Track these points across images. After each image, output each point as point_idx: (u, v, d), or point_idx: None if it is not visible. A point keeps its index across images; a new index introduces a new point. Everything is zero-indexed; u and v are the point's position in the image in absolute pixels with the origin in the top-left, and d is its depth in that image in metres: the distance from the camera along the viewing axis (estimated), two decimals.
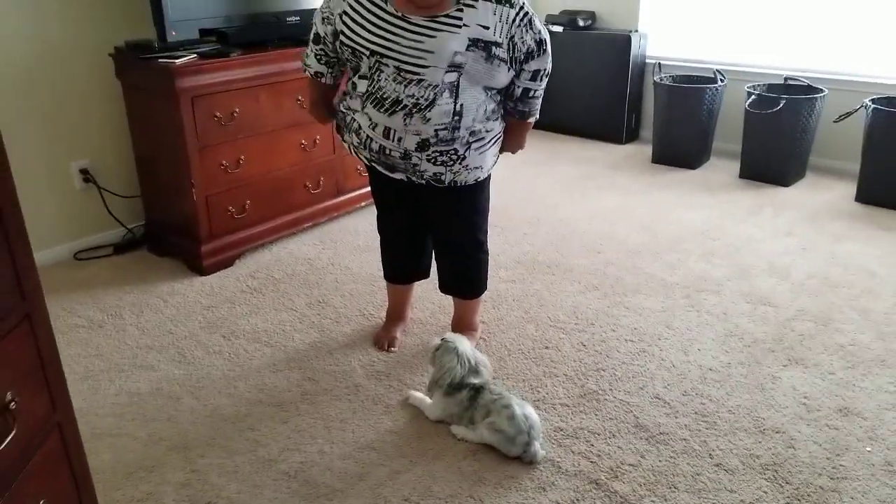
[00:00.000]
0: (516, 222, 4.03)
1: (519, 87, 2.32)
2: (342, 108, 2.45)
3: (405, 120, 2.23)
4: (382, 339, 2.84)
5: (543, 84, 2.36)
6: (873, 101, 4.28)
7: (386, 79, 2.21)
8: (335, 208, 4.02)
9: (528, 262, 3.54)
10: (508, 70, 2.25)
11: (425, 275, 2.87)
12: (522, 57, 2.23)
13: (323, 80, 2.47)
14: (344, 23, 2.24)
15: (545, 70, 2.32)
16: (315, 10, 3.72)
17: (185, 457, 2.22)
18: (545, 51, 2.27)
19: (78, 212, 3.58)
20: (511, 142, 2.52)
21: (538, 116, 2.48)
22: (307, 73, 2.50)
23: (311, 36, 2.42)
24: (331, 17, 2.30)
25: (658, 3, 5.50)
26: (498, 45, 2.17)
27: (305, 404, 2.47)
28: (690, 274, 3.40)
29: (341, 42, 2.28)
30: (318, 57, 2.43)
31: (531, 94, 2.35)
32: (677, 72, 5.31)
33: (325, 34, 2.35)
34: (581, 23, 5.58)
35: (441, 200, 2.50)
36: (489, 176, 2.52)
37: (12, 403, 1.18)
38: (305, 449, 2.26)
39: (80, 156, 3.53)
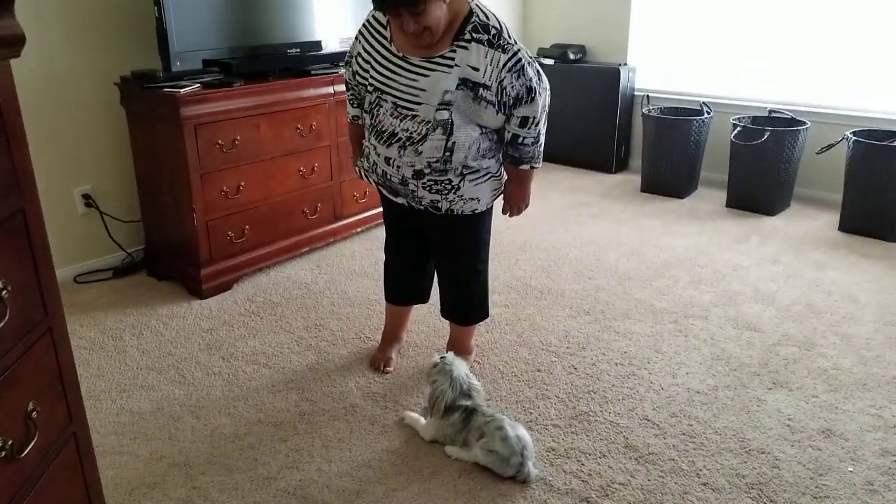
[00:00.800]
0: (509, 249, 4.11)
1: (509, 132, 2.39)
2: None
3: (400, 151, 2.35)
4: (378, 360, 2.90)
5: (533, 132, 2.38)
6: (854, 133, 4.39)
7: (384, 113, 2.34)
8: (332, 234, 4.09)
9: (521, 287, 3.62)
10: (497, 113, 2.32)
11: (423, 299, 2.94)
12: (511, 102, 2.29)
13: (360, 121, 2.62)
14: (358, 63, 2.41)
15: (534, 118, 2.34)
16: (316, 42, 3.88)
17: (186, 474, 2.27)
18: (534, 99, 2.30)
19: (79, 236, 3.65)
20: (511, 190, 2.57)
21: (537, 166, 2.49)
22: (348, 119, 2.67)
23: (345, 84, 2.61)
24: (350, 59, 2.48)
25: (646, 37, 5.64)
26: (486, 87, 2.25)
27: (303, 424, 2.53)
28: (678, 300, 3.48)
29: (357, 81, 2.43)
30: (352, 101, 2.60)
31: (520, 140, 2.39)
32: (665, 104, 5.44)
33: (350, 78, 2.53)
34: (572, 56, 5.71)
35: (440, 228, 2.59)
36: (490, 209, 2.60)
37: (34, 412, 1.25)
38: (304, 467, 2.31)
39: (84, 181, 3.61)
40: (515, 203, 2.59)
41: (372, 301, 3.42)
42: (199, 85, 3.31)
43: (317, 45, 3.92)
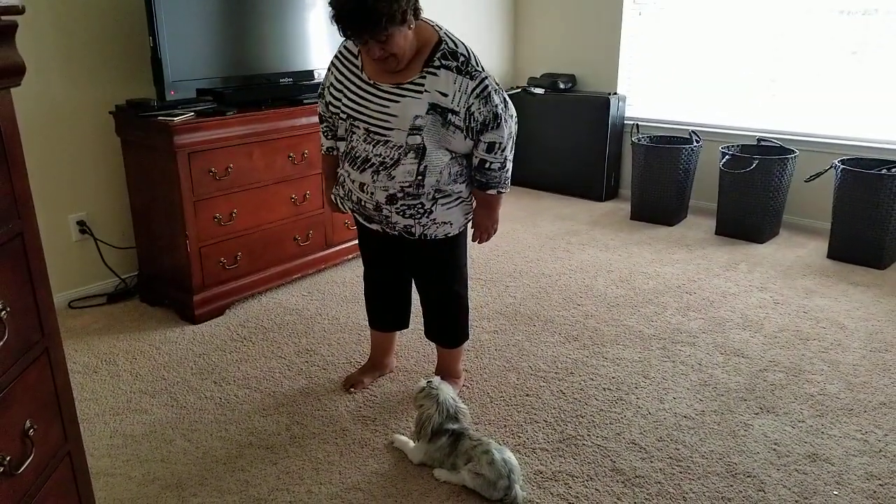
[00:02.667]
0: (499, 275, 4.15)
1: (476, 157, 2.44)
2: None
3: (373, 176, 2.40)
4: (351, 378, 2.95)
5: (500, 158, 2.42)
6: (842, 161, 4.45)
7: (358, 139, 2.40)
8: (323, 260, 4.13)
9: (510, 313, 3.65)
10: (465, 138, 2.38)
11: (403, 325, 2.97)
12: (478, 127, 2.35)
13: (333, 152, 2.65)
14: (331, 93, 2.47)
15: (500, 144, 2.39)
16: (308, 71, 3.94)
17: (178, 496, 2.29)
18: (500, 125, 2.36)
19: (73, 262, 3.68)
20: (479, 216, 2.61)
21: (503, 191, 2.53)
22: (322, 151, 2.70)
23: (319, 118, 2.65)
24: (323, 91, 2.54)
25: (636, 67, 5.74)
26: (454, 112, 2.31)
27: (294, 447, 2.55)
28: (667, 326, 3.52)
29: (331, 112, 2.48)
30: (326, 133, 2.64)
31: (486, 165, 2.43)
32: (654, 132, 5.51)
33: (324, 110, 2.58)
34: (562, 85, 5.79)
35: (416, 253, 2.65)
36: (464, 233, 2.65)
37: (31, 430, 1.28)
38: (294, 489, 2.33)
39: (78, 208, 3.65)
40: (484, 229, 2.63)
41: (362, 326, 3.45)
42: (192, 113, 3.36)
43: (309, 74, 3.98)
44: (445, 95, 2.29)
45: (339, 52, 2.47)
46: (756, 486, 2.36)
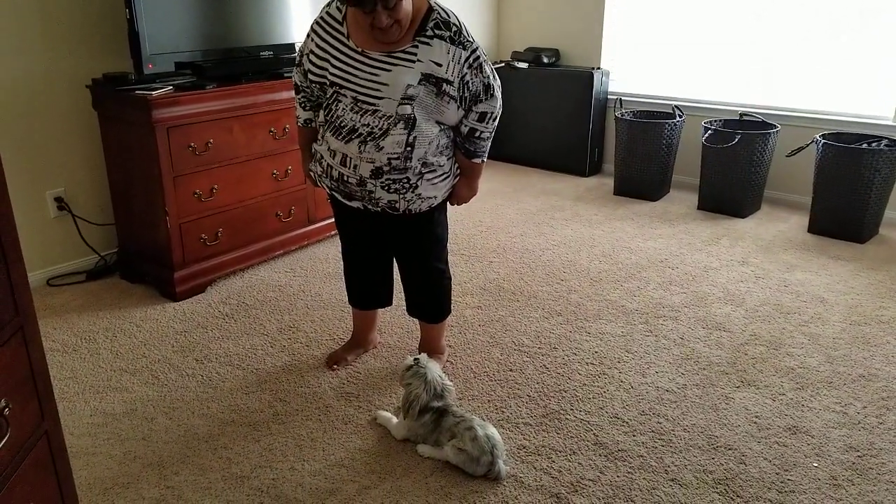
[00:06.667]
0: (482, 251, 4.14)
1: (466, 126, 2.42)
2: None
3: (360, 147, 2.35)
4: (334, 356, 2.94)
5: (490, 127, 2.44)
6: (823, 136, 4.46)
7: (344, 108, 2.34)
8: (306, 237, 4.10)
9: (494, 289, 3.65)
10: (458, 108, 2.36)
11: (386, 303, 2.95)
12: (471, 98, 2.34)
13: (312, 124, 2.60)
14: (311, 61, 2.39)
15: (492, 114, 2.41)
16: (289, 44, 3.88)
17: (159, 474, 2.28)
18: (493, 95, 2.38)
19: (52, 239, 3.63)
20: (461, 186, 2.60)
21: (485, 159, 2.55)
22: (298, 123, 2.64)
23: (294, 88, 2.58)
24: (301, 59, 2.46)
25: (619, 41, 5.71)
26: (449, 82, 2.29)
27: (277, 424, 2.54)
28: (649, 301, 3.53)
29: (310, 80, 2.42)
30: (303, 104, 2.57)
31: (477, 134, 2.44)
32: (638, 107, 5.50)
33: (301, 80, 2.51)
34: (545, 60, 5.77)
35: (398, 229, 2.61)
36: (444, 204, 2.64)
37: (6, 410, 1.26)
38: (277, 466, 2.32)
39: (56, 184, 3.60)
40: (464, 197, 2.64)
41: (345, 303, 3.41)
42: (171, 87, 3.31)
43: (290, 47, 3.93)
44: (440, 65, 2.26)
45: (321, 17, 2.39)
46: (737, 459, 2.37)
